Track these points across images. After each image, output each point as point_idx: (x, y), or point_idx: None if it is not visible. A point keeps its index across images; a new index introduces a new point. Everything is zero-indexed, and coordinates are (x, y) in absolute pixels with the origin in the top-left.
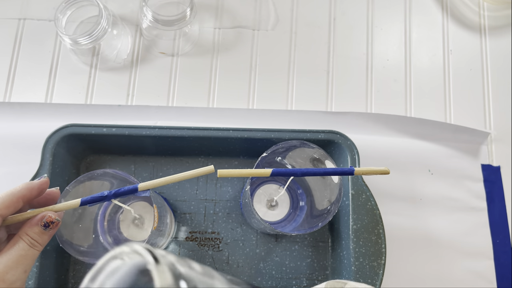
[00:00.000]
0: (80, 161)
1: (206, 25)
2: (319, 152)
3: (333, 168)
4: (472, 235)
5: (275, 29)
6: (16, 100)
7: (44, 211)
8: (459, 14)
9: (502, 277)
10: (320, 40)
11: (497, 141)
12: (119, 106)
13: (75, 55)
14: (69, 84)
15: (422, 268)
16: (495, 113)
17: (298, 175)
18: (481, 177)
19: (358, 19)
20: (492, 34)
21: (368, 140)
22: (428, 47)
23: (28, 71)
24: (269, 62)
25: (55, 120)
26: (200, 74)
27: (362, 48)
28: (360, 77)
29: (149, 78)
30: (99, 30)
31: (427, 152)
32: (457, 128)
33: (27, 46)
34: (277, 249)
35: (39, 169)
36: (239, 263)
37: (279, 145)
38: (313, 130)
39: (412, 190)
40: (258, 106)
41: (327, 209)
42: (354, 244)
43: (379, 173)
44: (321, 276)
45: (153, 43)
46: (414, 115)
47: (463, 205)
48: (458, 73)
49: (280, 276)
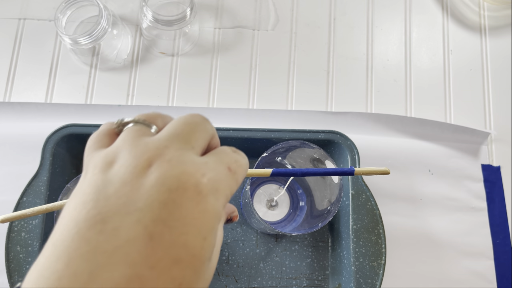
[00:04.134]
0: (80, 161)
1: (206, 25)
2: (319, 152)
3: (333, 168)
4: (472, 235)
5: (275, 29)
6: (16, 100)
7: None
8: (459, 14)
9: (502, 277)
10: (320, 40)
11: (497, 141)
12: (119, 106)
13: (75, 55)
14: (69, 84)
15: (422, 268)
16: (495, 113)
17: (298, 175)
18: (481, 177)
19: (358, 19)
20: (492, 34)
21: (368, 140)
22: (428, 47)
23: (28, 71)
24: (269, 62)
25: (55, 120)
26: (200, 74)
27: (362, 48)
28: (360, 77)
29: (149, 78)
30: (99, 30)
31: (427, 152)
32: (457, 128)
33: (27, 46)
34: (277, 249)
35: (39, 169)
36: (239, 263)
37: (279, 145)
38: (313, 130)
39: (412, 190)
40: (258, 106)
41: (327, 209)
42: (354, 244)
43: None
44: (321, 276)
45: (153, 43)
46: (414, 115)
47: (463, 205)
48: (458, 73)
49: (280, 276)
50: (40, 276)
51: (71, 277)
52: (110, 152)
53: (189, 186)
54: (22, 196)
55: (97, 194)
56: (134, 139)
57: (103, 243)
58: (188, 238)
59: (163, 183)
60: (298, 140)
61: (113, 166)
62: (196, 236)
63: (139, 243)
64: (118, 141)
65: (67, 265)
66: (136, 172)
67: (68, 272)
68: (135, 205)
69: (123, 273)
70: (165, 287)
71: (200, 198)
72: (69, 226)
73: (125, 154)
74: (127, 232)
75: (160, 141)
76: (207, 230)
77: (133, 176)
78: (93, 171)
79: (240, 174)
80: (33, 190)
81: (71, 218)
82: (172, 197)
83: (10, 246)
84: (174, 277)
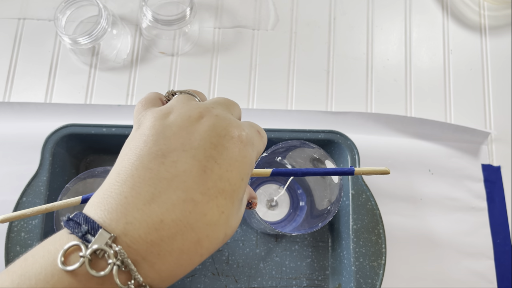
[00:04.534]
0: (80, 161)
1: (206, 24)
2: (319, 152)
3: (333, 168)
4: (472, 235)
5: (275, 29)
6: (15, 100)
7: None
8: (459, 13)
9: (502, 277)
10: (320, 40)
11: (497, 141)
12: (119, 106)
13: (74, 55)
14: (68, 84)
15: (422, 268)
16: (495, 113)
17: (298, 175)
18: (482, 177)
19: (358, 19)
20: (492, 34)
21: (368, 140)
22: (428, 47)
23: (28, 71)
24: (269, 62)
25: (54, 120)
26: (200, 74)
27: (362, 48)
28: (360, 77)
29: (149, 78)
30: (98, 30)
31: (427, 152)
32: (457, 128)
33: (27, 46)
34: (277, 249)
35: (39, 169)
36: (239, 263)
37: (279, 145)
38: (313, 130)
39: (412, 190)
40: (258, 106)
41: (327, 209)
42: (354, 244)
43: (380, 173)
44: (321, 276)
45: (153, 43)
46: (414, 115)
47: (464, 205)
48: (458, 73)
49: (280, 276)
50: (107, 196)
51: (135, 197)
52: (165, 107)
53: (234, 135)
54: (22, 196)
55: (157, 135)
56: (186, 99)
57: (163, 172)
58: (231, 175)
59: (214, 129)
60: (298, 140)
61: (170, 116)
62: (237, 175)
63: (194, 174)
64: (171, 101)
65: (132, 188)
66: (191, 120)
67: (133, 192)
68: (190, 145)
69: (179, 196)
70: (212, 211)
71: (242, 145)
72: (131, 159)
73: (180, 108)
74: (184, 164)
75: (207, 103)
76: (244, 173)
77: (189, 123)
78: (151, 120)
79: (265, 139)
80: (32, 190)
81: (133, 154)
82: (221, 141)
83: (10, 246)
84: (219, 204)
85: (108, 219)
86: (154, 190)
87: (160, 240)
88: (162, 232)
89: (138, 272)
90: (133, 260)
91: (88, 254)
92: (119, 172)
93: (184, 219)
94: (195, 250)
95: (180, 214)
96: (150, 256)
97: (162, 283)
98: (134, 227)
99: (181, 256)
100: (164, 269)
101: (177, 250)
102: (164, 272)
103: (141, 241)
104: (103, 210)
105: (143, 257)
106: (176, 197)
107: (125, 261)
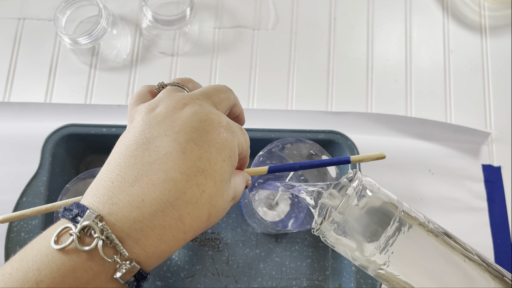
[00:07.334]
0: (80, 161)
1: (206, 25)
2: (315, 147)
3: (330, 159)
4: (472, 235)
5: (275, 29)
6: (15, 100)
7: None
8: (459, 14)
9: None
10: (320, 40)
11: (497, 141)
12: (119, 106)
13: (74, 55)
14: (68, 84)
15: None
16: (495, 113)
17: (296, 169)
18: (482, 177)
19: (358, 19)
20: (492, 34)
21: (368, 140)
22: (429, 47)
23: (28, 71)
24: (269, 62)
25: (54, 120)
26: (200, 74)
27: (362, 48)
28: (360, 77)
29: (149, 78)
30: (98, 30)
31: (427, 152)
32: (457, 128)
33: (27, 46)
34: (277, 249)
35: (39, 169)
36: (239, 263)
37: (274, 143)
38: (313, 130)
39: (412, 190)
40: (258, 106)
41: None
42: None
43: (375, 158)
44: (321, 276)
45: (153, 43)
46: (414, 115)
47: (464, 205)
48: (459, 73)
49: (280, 277)
50: (97, 185)
51: (120, 181)
52: (153, 101)
53: (214, 120)
54: (22, 196)
55: (143, 126)
56: (172, 92)
57: (146, 157)
58: (211, 156)
59: (195, 115)
60: (292, 137)
61: (156, 109)
62: (217, 156)
63: (174, 155)
64: (159, 94)
65: (118, 174)
66: (175, 110)
67: (118, 178)
68: (173, 130)
69: (160, 176)
70: (191, 189)
71: (222, 129)
72: (120, 149)
73: (166, 101)
74: (165, 148)
75: (192, 94)
76: (225, 155)
77: (173, 112)
78: (140, 115)
79: (247, 136)
80: (32, 190)
81: (123, 145)
82: (201, 125)
83: (10, 246)
84: (199, 183)
85: (96, 203)
86: (137, 174)
87: (142, 217)
88: (144, 210)
89: (124, 248)
90: (118, 237)
91: (77, 231)
92: (109, 162)
93: (164, 197)
94: (177, 226)
95: (160, 192)
96: (134, 233)
97: (149, 260)
98: (119, 207)
99: (163, 232)
100: (148, 245)
101: (158, 226)
102: (149, 247)
103: (125, 219)
104: (93, 196)
105: (128, 234)
106: (156, 178)
107: (110, 236)
